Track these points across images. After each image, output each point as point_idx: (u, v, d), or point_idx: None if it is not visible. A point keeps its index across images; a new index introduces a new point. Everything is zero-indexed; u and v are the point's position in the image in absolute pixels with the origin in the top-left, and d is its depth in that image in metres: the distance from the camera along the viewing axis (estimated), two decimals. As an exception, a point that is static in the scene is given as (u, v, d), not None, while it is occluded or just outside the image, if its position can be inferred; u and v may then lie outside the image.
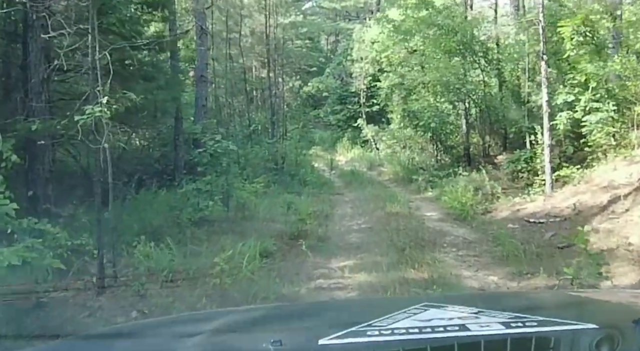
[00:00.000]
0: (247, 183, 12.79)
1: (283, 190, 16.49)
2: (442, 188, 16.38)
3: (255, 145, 18.82)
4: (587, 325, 1.58)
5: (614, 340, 1.53)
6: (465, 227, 11.88)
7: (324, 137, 33.57)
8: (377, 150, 27.23)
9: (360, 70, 29.67)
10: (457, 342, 1.56)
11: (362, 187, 19.02)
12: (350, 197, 17.30)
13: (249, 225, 11.34)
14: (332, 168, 21.91)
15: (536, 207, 12.56)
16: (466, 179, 16.99)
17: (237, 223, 11.39)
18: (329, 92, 32.95)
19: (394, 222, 12.00)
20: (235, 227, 11.14)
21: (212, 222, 10.96)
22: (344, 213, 14.23)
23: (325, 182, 19.78)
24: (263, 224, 11.61)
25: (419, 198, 16.39)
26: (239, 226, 11.23)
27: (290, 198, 15.04)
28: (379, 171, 23.80)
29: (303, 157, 20.72)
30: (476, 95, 17.75)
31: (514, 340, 1.56)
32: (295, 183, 18.02)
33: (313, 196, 16.59)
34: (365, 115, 29.10)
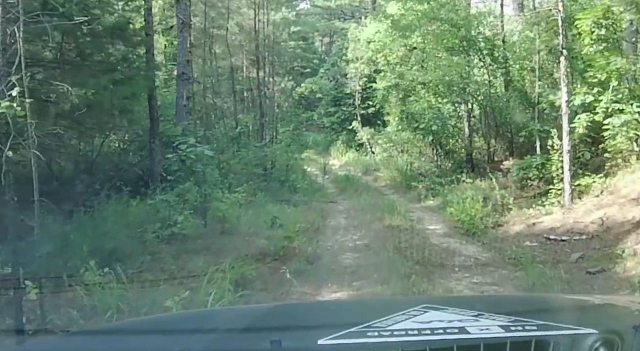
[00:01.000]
0: (228, 193, 11.08)
1: (271, 198, 14.83)
2: (444, 196, 14.75)
3: (243, 148, 17.12)
4: (586, 329, 1.53)
5: (613, 345, 1.46)
6: (475, 244, 10.22)
7: (317, 140, 31.92)
8: (372, 153, 25.63)
9: (356, 70, 28.02)
10: (457, 345, 1.51)
11: (357, 194, 17.35)
12: (345, 205, 15.62)
13: (227, 242, 9.66)
14: (325, 173, 20.19)
15: (554, 220, 10.91)
16: (470, 187, 15.36)
17: (214, 240, 9.70)
18: (322, 94, 31.28)
19: (395, 238, 10.34)
20: (212, 244, 9.45)
21: (185, 239, 9.26)
22: (338, 225, 12.55)
23: (317, 188, 18.11)
24: (244, 240, 9.92)
25: (419, 207, 14.72)
26: (216, 243, 9.55)
27: (278, 208, 13.44)
28: (374, 176, 22.14)
29: (294, 161, 19.04)
30: (481, 95, 16.10)
31: (514, 343, 1.50)
32: (285, 190, 16.35)
33: (304, 205, 14.93)
34: (361, 117, 27.48)
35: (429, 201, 15.30)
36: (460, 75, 15.49)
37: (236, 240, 9.88)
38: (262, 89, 18.17)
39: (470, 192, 14.21)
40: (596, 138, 12.79)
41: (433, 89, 16.68)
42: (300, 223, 11.74)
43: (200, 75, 18.85)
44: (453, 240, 10.55)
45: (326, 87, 30.81)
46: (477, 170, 16.46)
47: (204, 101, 19.25)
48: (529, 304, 2.41)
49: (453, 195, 14.59)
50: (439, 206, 14.29)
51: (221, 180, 11.97)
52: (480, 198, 12.26)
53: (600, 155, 13.07)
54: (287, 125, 19.98)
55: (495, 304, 2.45)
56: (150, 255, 7.99)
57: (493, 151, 16.47)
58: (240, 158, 15.66)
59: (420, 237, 10.62)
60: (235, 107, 18.59)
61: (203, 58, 18.84)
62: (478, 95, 16.05)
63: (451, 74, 15.40)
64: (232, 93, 18.79)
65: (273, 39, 19.48)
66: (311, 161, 26.17)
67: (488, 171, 16.09)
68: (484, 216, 11.55)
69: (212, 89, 18.78)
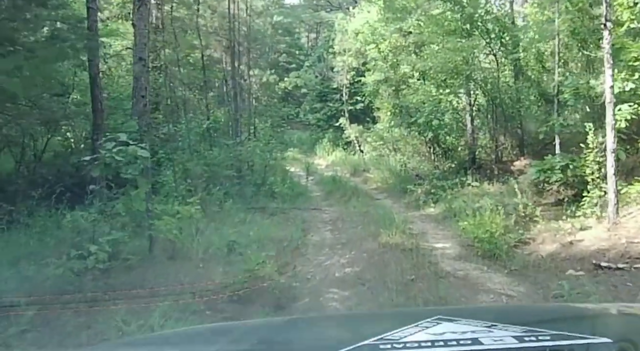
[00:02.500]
0: (182, 203, 8.36)
1: (244, 206, 12.13)
2: (448, 203, 12.12)
3: (215, 147, 14.35)
4: (601, 339, 1.47)
5: None
6: (501, 272, 7.57)
7: (302, 138, 29.24)
8: (361, 152, 22.99)
9: (343, 63, 25.36)
10: None
11: (345, 199, 14.67)
12: (331, 213, 12.93)
13: (172, 273, 6.96)
14: (309, 173, 17.49)
15: (598, 238, 8.29)
16: (478, 191, 12.74)
17: (154, 270, 7.01)
18: (308, 89, 28.55)
19: (395, 264, 7.72)
20: (149, 276, 6.76)
21: (108, 273, 6.51)
22: (322, 242, 9.86)
23: (300, 192, 15.38)
24: (196, 270, 7.21)
25: (419, 217, 12.05)
26: (157, 275, 6.86)
27: (249, 219, 10.76)
28: (364, 177, 19.46)
29: (274, 161, 16.31)
30: (488, 84, 13.44)
31: None
32: (261, 195, 13.65)
33: (282, 213, 12.23)
34: (348, 113, 24.93)
35: (429, 208, 12.64)
36: (466, 61, 12.82)
37: (185, 269, 7.17)
38: (238, 80, 15.45)
39: (482, 198, 11.61)
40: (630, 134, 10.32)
41: (433, 78, 13.98)
42: (274, 242, 9.06)
43: (167, 64, 16.09)
44: (471, 265, 7.88)
45: (311, 81, 28.10)
46: (483, 172, 13.83)
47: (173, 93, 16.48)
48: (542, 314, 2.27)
49: (458, 201, 11.98)
50: (443, 215, 11.63)
51: (175, 187, 9.24)
52: (500, 209, 9.54)
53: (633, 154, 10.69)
54: (267, 121, 17.21)
55: (508, 314, 2.32)
56: (41, 305, 5.20)
57: (502, 150, 13.82)
58: (207, 159, 12.89)
59: (428, 261, 7.96)
60: (207, 100, 15.83)
61: (172, 45, 16.06)
62: (485, 85, 13.38)
63: (455, 60, 12.69)
64: (204, 85, 16.04)
65: (249, 25, 16.73)
66: (295, 161, 23.54)
67: (497, 173, 13.48)
68: (505, 231, 8.87)
69: (181, 80, 15.99)
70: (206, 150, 13.75)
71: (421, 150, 16.59)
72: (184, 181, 10.23)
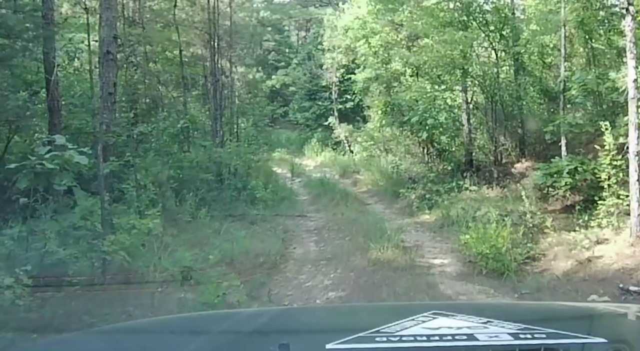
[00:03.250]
0: (140, 217, 7.09)
1: (221, 214, 10.89)
2: (445, 209, 10.94)
3: (193, 148, 13.05)
4: (596, 339, 1.45)
5: None
6: (510, 296, 6.41)
7: (291, 138, 27.97)
8: (351, 153, 21.79)
9: (332, 60, 24.16)
10: None
11: (333, 204, 13.44)
12: (317, 221, 11.71)
13: (117, 306, 5.69)
14: (293, 175, 16.31)
15: (620, 255, 7.13)
16: (476, 196, 11.57)
17: (97, 302, 5.72)
18: (296, 87, 27.27)
19: (387, 285, 6.54)
20: (90, 311, 5.48)
21: (40, 307, 5.25)
22: (304, 257, 8.63)
23: (285, 196, 14.13)
24: (150, 302, 5.93)
25: (413, 225, 10.86)
26: (98, 308, 5.57)
27: (224, 230, 9.52)
28: (354, 179, 18.24)
29: (258, 163, 15.06)
30: (488, 80, 12.24)
31: None
32: (241, 201, 12.39)
33: (263, 222, 10.99)
34: (338, 112, 23.77)
35: (424, 215, 11.45)
36: (463, 55, 11.60)
37: (137, 299, 5.91)
38: (218, 77, 14.17)
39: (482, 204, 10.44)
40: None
41: (428, 74, 12.76)
42: (250, 257, 7.84)
43: (142, 59, 14.81)
44: (475, 287, 6.69)
45: (300, 79, 26.83)
46: (481, 175, 12.64)
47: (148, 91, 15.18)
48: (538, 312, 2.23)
49: (456, 207, 10.81)
50: (440, 223, 10.44)
51: (136, 197, 7.99)
52: (504, 218, 8.35)
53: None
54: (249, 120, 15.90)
55: (505, 311, 2.27)
56: None
57: (501, 151, 12.62)
58: (181, 162, 11.61)
59: (425, 282, 6.77)
60: (185, 98, 14.54)
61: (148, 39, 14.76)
62: (484, 81, 12.17)
63: (451, 55, 11.48)
64: (182, 81, 14.75)
65: (231, 18, 15.42)
66: (282, 162, 22.25)
67: (496, 176, 12.29)
68: (512, 245, 7.67)
69: (157, 77, 14.68)
70: (181, 151, 12.46)
71: (414, 151, 15.40)
72: (149, 189, 8.96)
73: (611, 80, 8.86)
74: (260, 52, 34.25)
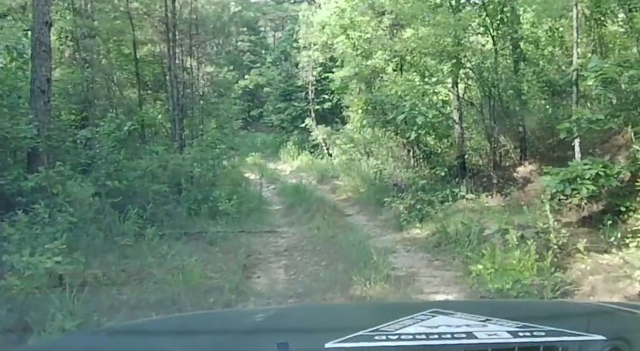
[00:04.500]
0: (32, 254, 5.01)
1: (174, 233, 8.90)
2: (440, 222, 9.03)
3: (147, 154, 10.95)
4: (595, 336, 1.42)
5: None
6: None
7: (267, 141, 25.94)
8: (329, 156, 19.86)
9: (309, 58, 22.23)
10: (464, 350, 1.43)
11: (309, 216, 11.48)
12: (289, 238, 9.73)
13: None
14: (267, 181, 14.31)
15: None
16: (475, 206, 9.70)
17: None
18: (270, 87, 25.24)
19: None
20: None
21: None
22: (270, 291, 6.59)
23: (254, 207, 12.11)
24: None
25: (403, 242, 8.94)
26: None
27: (174, 253, 7.51)
28: (332, 185, 16.30)
29: (224, 170, 13.03)
30: (485, 71, 10.34)
31: (522, 349, 1.39)
32: (202, 215, 10.37)
33: (224, 240, 8.98)
34: (315, 113, 21.88)
35: (415, 229, 9.52)
36: (457, 40, 9.68)
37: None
38: (175, 72, 12.10)
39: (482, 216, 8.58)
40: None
41: (415, 65, 10.82)
42: (198, 294, 5.84)
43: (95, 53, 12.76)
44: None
45: (275, 79, 24.82)
46: (478, 181, 10.78)
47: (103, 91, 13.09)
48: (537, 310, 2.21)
49: (454, 220, 8.92)
50: (436, 240, 8.53)
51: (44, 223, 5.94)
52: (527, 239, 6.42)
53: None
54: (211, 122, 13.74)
55: (504, 309, 2.25)
56: None
57: (502, 153, 10.74)
58: (125, 172, 9.52)
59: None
60: (140, 98, 12.46)
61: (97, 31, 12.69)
62: (481, 72, 10.27)
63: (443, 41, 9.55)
64: (136, 78, 12.65)
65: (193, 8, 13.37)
66: (256, 167, 20.23)
67: (496, 182, 10.42)
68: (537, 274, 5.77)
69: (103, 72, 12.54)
70: (130, 158, 10.37)
71: (398, 154, 13.47)
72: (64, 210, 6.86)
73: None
74: (235, 53, 32.32)
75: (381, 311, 2.33)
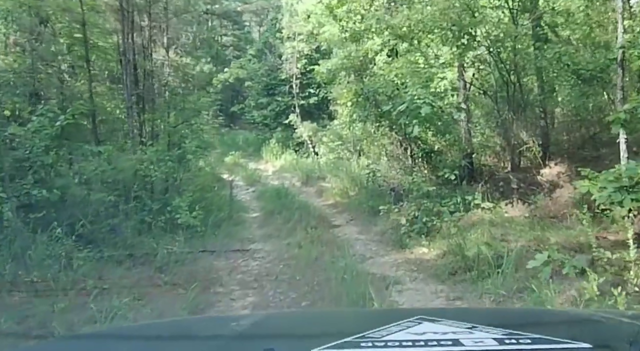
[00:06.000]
0: None
1: (115, 256, 6.78)
2: (451, 238, 6.95)
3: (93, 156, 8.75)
4: (581, 344, 1.38)
5: None
6: None
7: (249, 139, 23.74)
8: (315, 155, 17.74)
9: (293, 50, 20.08)
10: None
11: (290, 227, 9.42)
12: (263, 260, 7.60)
13: None
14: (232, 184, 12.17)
15: None
16: (494, 218, 7.65)
17: None
18: (252, 81, 23.03)
19: None
20: None
21: None
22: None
23: (224, 217, 9.95)
24: None
25: (406, 265, 6.85)
26: None
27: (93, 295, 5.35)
28: (318, 188, 14.19)
29: (197, 171, 10.88)
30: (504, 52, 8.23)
31: None
32: (157, 230, 8.23)
33: (178, 265, 6.85)
34: (300, 109, 19.71)
35: (421, 247, 7.41)
36: (471, 12, 7.57)
37: None
38: (129, 57, 9.90)
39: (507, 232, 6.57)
40: None
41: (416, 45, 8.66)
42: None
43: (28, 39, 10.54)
44: None
45: (257, 72, 22.61)
46: (493, 185, 8.69)
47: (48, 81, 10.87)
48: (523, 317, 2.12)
49: (468, 235, 6.87)
50: (448, 264, 6.43)
51: None
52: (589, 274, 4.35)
53: None
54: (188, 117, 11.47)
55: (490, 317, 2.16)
56: None
57: (520, 152, 8.65)
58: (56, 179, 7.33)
59: None
60: (90, 88, 10.28)
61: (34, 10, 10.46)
62: (499, 52, 8.16)
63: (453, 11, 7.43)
64: (87, 67, 10.47)
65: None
66: (237, 167, 18.14)
67: (515, 187, 8.35)
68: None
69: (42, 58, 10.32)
70: (67, 161, 8.17)
71: (394, 153, 11.37)
72: None
73: None
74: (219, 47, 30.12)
75: (367, 317, 2.23)
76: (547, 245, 6.17)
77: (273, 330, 1.86)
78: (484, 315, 2.28)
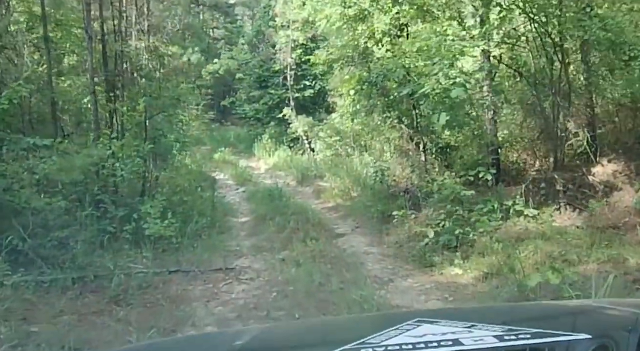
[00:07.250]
0: None
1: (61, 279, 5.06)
2: (495, 255, 5.25)
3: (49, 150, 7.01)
4: (580, 335, 1.32)
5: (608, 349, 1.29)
6: None
7: (240, 135, 22.00)
8: (312, 151, 16.01)
9: (287, 38, 18.31)
10: None
11: (284, 236, 7.72)
12: (250, 284, 5.86)
13: None
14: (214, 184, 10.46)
15: None
16: (542, 229, 5.93)
17: None
18: (243, 73, 21.24)
19: None
20: None
21: None
22: None
23: (206, 224, 8.16)
24: None
25: (436, 292, 5.12)
26: None
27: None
28: (316, 188, 12.49)
29: (165, 171, 9.13)
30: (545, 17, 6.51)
31: None
32: (121, 242, 6.49)
33: (141, 293, 5.15)
34: (295, 102, 17.90)
35: (453, 267, 5.69)
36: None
37: None
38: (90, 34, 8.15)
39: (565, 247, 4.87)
40: None
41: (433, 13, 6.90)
42: None
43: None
44: None
45: (249, 63, 20.84)
46: (533, 187, 6.98)
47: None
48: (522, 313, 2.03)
49: (516, 252, 5.17)
50: (489, 289, 4.75)
51: None
52: None
53: None
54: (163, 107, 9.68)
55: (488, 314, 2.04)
56: None
57: (565, 147, 6.95)
58: None
59: None
60: (50, 71, 8.54)
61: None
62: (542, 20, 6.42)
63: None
64: (46, 46, 8.71)
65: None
66: (226, 164, 16.46)
67: (561, 189, 6.65)
68: None
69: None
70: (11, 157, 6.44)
71: (405, 148, 9.66)
72: None
73: None
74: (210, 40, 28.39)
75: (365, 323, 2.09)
76: (627, 267, 4.53)
77: (274, 343, 1.73)
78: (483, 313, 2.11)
